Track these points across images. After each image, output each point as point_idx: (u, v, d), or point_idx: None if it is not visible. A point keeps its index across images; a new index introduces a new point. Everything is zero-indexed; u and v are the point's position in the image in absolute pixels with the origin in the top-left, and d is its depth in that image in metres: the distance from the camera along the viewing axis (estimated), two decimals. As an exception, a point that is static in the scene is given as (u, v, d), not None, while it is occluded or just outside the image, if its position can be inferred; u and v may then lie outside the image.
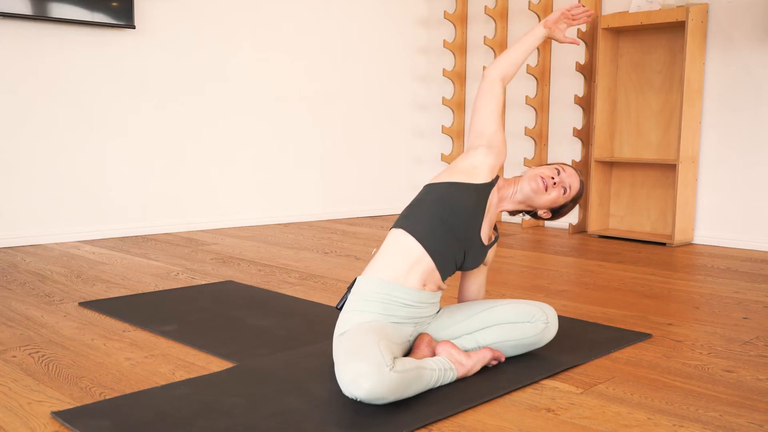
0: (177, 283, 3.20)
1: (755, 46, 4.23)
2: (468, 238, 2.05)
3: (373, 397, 1.70)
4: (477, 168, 2.08)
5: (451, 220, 2.01)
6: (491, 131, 2.13)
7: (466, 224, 2.03)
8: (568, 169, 2.20)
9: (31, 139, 4.11)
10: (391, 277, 1.97)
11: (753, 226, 4.30)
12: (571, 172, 2.19)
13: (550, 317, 2.11)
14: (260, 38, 5.02)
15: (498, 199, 2.16)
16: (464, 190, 2.05)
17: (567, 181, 2.16)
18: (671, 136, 4.60)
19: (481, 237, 2.09)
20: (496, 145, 2.12)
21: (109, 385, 1.93)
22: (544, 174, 2.13)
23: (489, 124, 2.13)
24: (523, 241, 4.56)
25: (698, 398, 1.87)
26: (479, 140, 2.13)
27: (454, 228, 2.02)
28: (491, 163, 2.11)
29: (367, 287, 1.98)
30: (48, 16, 4.03)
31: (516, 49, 2.25)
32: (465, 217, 2.03)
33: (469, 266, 2.11)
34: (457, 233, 2.02)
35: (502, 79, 2.19)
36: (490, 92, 2.16)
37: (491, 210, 2.13)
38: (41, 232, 4.17)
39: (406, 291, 1.98)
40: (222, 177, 4.94)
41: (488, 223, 2.13)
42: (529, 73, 5.12)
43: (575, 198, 2.20)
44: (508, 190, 2.17)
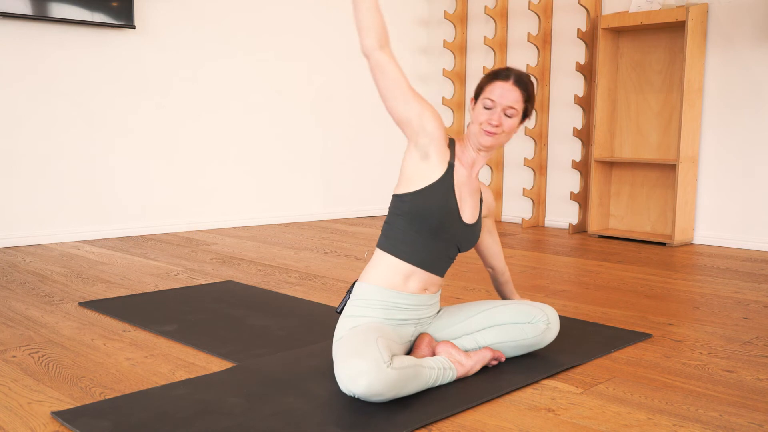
0: (177, 283, 3.20)
1: (755, 46, 4.23)
2: (452, 233, 2.02)
3: (371, 394, 1.70)
4: (424, 170, 1.96)
5: (427, 229, 1.97)
6: (415, 114, 1.92)
7: (444, 223, 1.98)
8: (498, 87, 1.98)
9: (31, 139, 4.11)
10: (390, 285, 1.97)
11: (753, 226, 4.30)
12: (505, 89, 1.98)
13: (551, 319, 2.10)
14: (260, 38, 5.02)
15: (467, 170, 2.05)
16: (426, 195, 1.95)
17: (506, 103, 1.97)
18: (671, 136, 4.60)
19: (466, 221, 2.05)
20: (427, 128, 1.93)
21: (109, 385, 1.93)
22: (484, 125, 1.99)
23: (406, 107, 1.92)
24: (523, 241, 4.56)
25: (698, 398, 1.87)
26: (410, 132, 1.96)
27: (434, 233, 1.98)
28: (430, 155, 1.95)
29: (368, 293, 1.98)
30: (48, 16, 4.03)
31: (365, 6, 2.01)
32: (440, 218, 1.97)
33: (467, 248, 2.09)
34: (439, 236, 1.99)
35: (380, 46, 1.94)
36: (380, 69, 1.92)
37: (465, 188, 2.04)
38: (41, 232, 4.17)
39: (408, 297, 1.99)
40: (222, 177, 4.94)
41: (468, 201, 2.06)
42: (529, 73, 5.12)
43: (529, 94, 2.01)
44: (469, 154, 2.05)
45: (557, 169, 5.22)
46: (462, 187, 2.04)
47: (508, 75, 2.01)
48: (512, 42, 5.38)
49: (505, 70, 2.03)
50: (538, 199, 5.24)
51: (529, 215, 5.37)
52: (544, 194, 5.29)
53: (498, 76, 2.02)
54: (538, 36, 5.09)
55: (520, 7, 5.29)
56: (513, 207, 5.50)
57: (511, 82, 2.00)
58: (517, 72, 2.03)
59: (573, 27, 5.03)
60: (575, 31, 4.99)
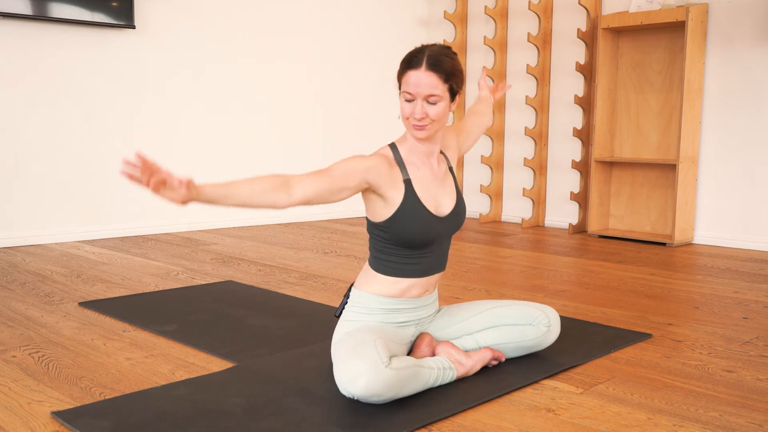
0: (177, 283, 3.20)
1: (755, 46, 4.23)
2: (439, 232, 1.97)
3: (370, 394, 1.70)
4: (386, 202, 1.88)
5: (414, 245, 1.93)
6: (352, 186, 1.82)
7: (428, 234, 1.92)
8: (412, 77, 1.83)
9: (31, 139, 4.11)
10: (389, 294, 1.96)
11: (753, 226, 4.30)
12: (420, 78, 1.82)
13: (552, 321, 2.09)
14: (260, 39, 5.02)
15: (426, 164, 1.94)
16: (398, 220, 1.88)
17: (424, 92, 1.83)
18: (671, 136, 4.60)
19: (447, 212, 1.97)
20: (361, 182, 1.83)
21: (109, 385, 1.93)
22: (411, 120, 1.86)
23: (345, 192, 1.82)
24: (523, 241, 4.56)
25: (698, 398, 1.87)
26: (363, 196, 1.91)
27: (422, 245, 1.94)
28: (385, 194, 1.86)
29: (366, 301, 1.97)
30: (48, 16, 4.03)
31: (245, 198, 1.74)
32: (422, 234, 1.91)
33: (460, 226, 2.02)
34: (428, 244, 1.95)
35: (289, 195, 1.75)
36: (313, 201, 1.79)
37: (432, 184, 1.95)
38: (41, 232, 4.17)
39: (408, 302, 1.98)
40: (222, 177, 4.92)
41: (441, 191, 1.98)
42: (529, 73, 5.12)
43: (448, 73, 1.86)
44: (418, 147, 1.94)
45: (557, 169, 5.22)
46: (429, 186, 1.94)
47: (419, 61, 1.83)
48: (512, 42, 5.38)
49: (416, 55, 1.85)
50: (538, 199, 5.24)
51: (529, 215, 5.37)
52: (544, 194, 5.29)
53: (410, 64, 1.85)
54: (538, 36, 5.09)
55: (520, 7, 5.29)
56: (513, 207, 5.50)
57: (423, 68, 1.82)
58: (430, 52, 1.84)
59: (573, 27, 5.03)
60: (575, 31, 4.99)
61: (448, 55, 1.88)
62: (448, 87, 1.87)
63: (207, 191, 1.68)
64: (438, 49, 1.87)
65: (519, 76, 5.36)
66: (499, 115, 5.42)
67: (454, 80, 1.88)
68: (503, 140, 5.49)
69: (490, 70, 5.31)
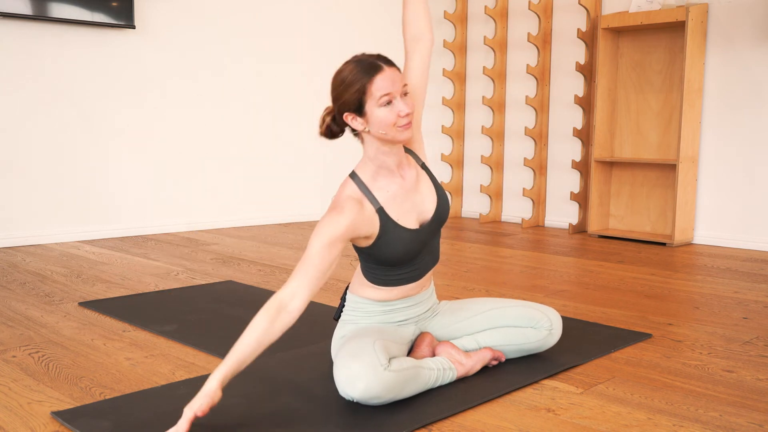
0: (177, 283, 3.20)
1: (755, 46, 4.23)
2: (424, 241, 1.93)
3: (369, 397, 1.70)
4: (362, 241, 1.86)
5: (401, 263, 1.91)
6: (338, 252, 1.78)
7: (412, 250, 1.90)
8: (381, 80, 1.78)
9: (31, 139, 4.11)
10: (384, 299, 1.96)
11: (753, 226, 4.30)
12: (389, 75, 1.79)
13: (554, 324, 2.08)
14: (260, 39, 5.02)
15: (396, 182, 1.88)
16: (381, 246, 1.86)
17: (399, 86, 1.81)
18: (671, 136, 4.60)
19: (428, 217, 1.93)
20: (347, 241, 1.82)
21: (109, 385, 1.93)
22: (398, 122, 1.79)
23: (335, 257, 1.79)
24: (523, 241, 4.56)
25: (698, 398, 1.87)
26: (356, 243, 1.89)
27: (410, 260, 1.92)
28: (365, 235, 1.83)
29: (362, 305, 1.97)
30: (48, 16, 4.03)
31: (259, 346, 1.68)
32: (407, 253, 1.89)
33: (446, 218, 1.98)
34: (415, 257, 1.93)
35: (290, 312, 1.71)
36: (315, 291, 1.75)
37: (406, 198, 1.89)
38: (41, 232, 4.17)
39: (404, 301, 1.99)
40: (222, 177, 4.94)
41: (417, 197, 1.92)
42: (529, 73, 5.12)
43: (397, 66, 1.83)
44: (385, 170, 1.87)
45: (557, 169, 5.22)
46: (404, 203, 1.89)
47: (378, 64, 1.80)
48: (512, 42, 5.38)
49: (370, 62, 1.80)
50: (538, 199, 5.24)
51: (529, 215, 5.37)
52: (544, 194, 5.29)
53: (373, 70, 1.79)
54: (538, 36, 5.09)
55: (520, 7, 5.29)
56: (513, 207, 5.50)
57: (386, 67, 1.79)
58: (376, 55, 1.84)
59: (573, 27, 5.03)
60: (575, 31, 4.99)
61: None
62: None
63: (227, 375, 1.61)
64: (377, 53, 1.87)
65: (519, 76, 5.36)
66: (499, 115, 5.42)
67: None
68: (503, 140, 5.49)
69: (490, 70, 5.31)
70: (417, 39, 2.02)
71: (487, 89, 5.53)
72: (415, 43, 2.02)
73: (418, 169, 1.96)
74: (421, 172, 1.97)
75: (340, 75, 1.83)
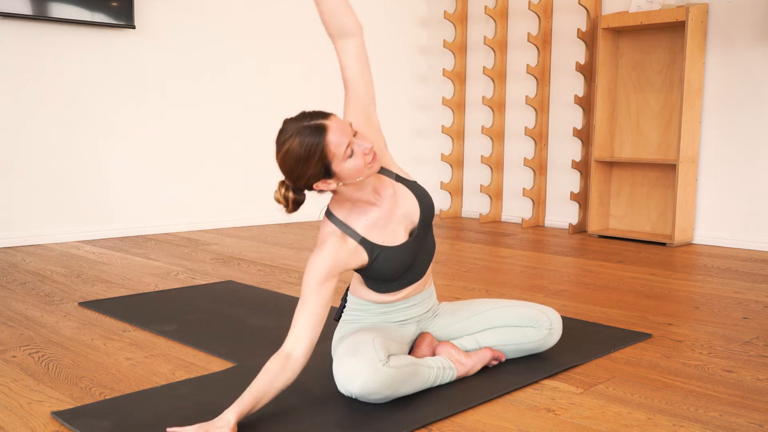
0: (177, 283, 3.20)
1: (755, 46, 4.23)
2: (415, 249, 1.92)
3: (367, 392, 1.70)
4: (354, 267, 1.86)
5: (395, 278, 1.91)
6: (324, 303, 1.76)
7: (404, 262, 1.89)
8: (332, 136, 1.69)
9: (32, 139, 4.11)
10: (385, 300, 1.97)
11: (753, 226, 4.30)
12: (336, 128, 1.71)
13: (554, 323, 2.08)
14: (260, 38, 5.02)
15: (376, 208, 1.85)
16: (373, 269, 1.87)
17: (350, 133, 1.73)
18: (671, 136, 4.60)
19: (415, 219, 1.91)
20: (340, 274, 1.83)
21: (109, 385, 1.93)
22: (366, 160, 1.73)
23: (328, 299, 1.77)
24: (523, 241, 4.56)
25: (698, 398, 1.87)
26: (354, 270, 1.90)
27: (405, 271, 1.92)
28: (354, 263, 1.83)
29: (363, 306, 1.98)
30: (48, 16, 4.03)
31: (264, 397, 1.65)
32: (399, 269, 1.88)
33: (432, 217, 1.95)
34: (409, 267, 1.93)
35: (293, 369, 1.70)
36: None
37: (389, 218, 1.86)
38: (41, 232, 4.17)
39: (406, 301, 1.99)
40: (222, 177, 4.94)
41: (400, 212, 1.88)
42: (529, 73, 5.12)
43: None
44: (362, 201, 1.83)
45: (557, 169, 5.22)
46: (387, 223, 1.86)
47: (321, 124, 1.70)
48: (512, 42, 5.38)
49: (312, 128, 1.70)
50: (538, 199, 5.24)
51: (529, 215, 5.37)
52: (544, 194, 5.29)
53: (319, 134, 1.69)
54: (538, 36, 5.09)
55: (520, 7, 5.29)
56: (513, 207, 5.50)
57: (329, 123, 1.70)
58: (308, 115, 1.75)
59: (573, 27, 5.03)
60: (575, 31, 4.99)
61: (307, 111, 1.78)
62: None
63: (244, 411, 1.60)
64: (301, 113, 1.77)
65: (519, 76, 5.36)
66: (499, 115, 5.42)
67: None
68: (503, 140, 5.49)
69: (490, 70, 5.31)
70: (342, 35, 1.85)
71: (487, 89, 5.53)
72: (342, 40, 1.85)
73: (393, 185, 1.90)
74: (397, 185, 1.91)
75: (290, 154, 1.73)
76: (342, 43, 1.85)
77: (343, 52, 1.86)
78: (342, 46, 1.85)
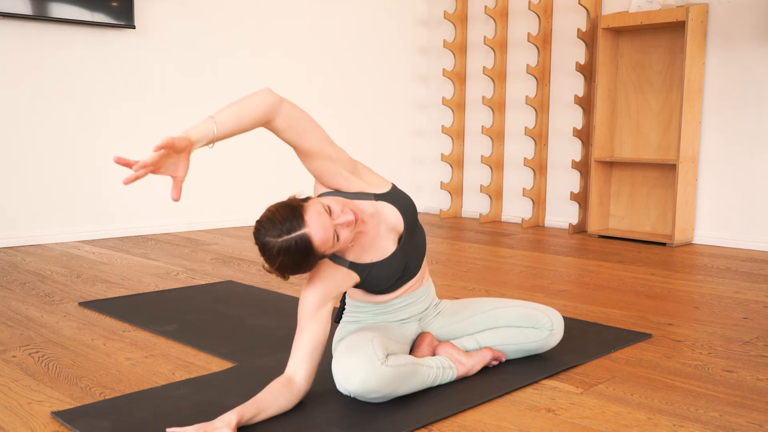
0: (177, 283, 3.20)
1: (755, 46, 4.23)
2: (407, 253, 1.92)
3: (365, 391, 1.70)
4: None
5: (395, 278, 1.91)
6: (321, 330, 1.77)
7: (396, 270, 1.89)
8: (311, 228, 1.64)
9: (31, 139, 4.11)
10: (383, 300, 1.97)
11: (753, 226, 4.30)
12: (315, 221, 1.65)
13: (555, 324, 2.08)
14: (260, 38, 5.02)
15: (359, 237, 1.81)
16: (365, 285, 1.88)
17: (325, 220, 1.67)
18: (671, 136, 4.60)
19: (400, 226, 1.90)
20: (335, 296, 1.83)
21: (109, 385, 1.93)
22: (340, 230, 1.69)
23: (325, 318, 1.79)
24: (523, 241, 4.56)
25: (698, 398, 1.87)
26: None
27: (399, 278, 1.93)
28: (346, 287, 1.85)
29: (362, 307, 1.98)
30: (48, 16, 4.03)
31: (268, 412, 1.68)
32: (389, 278, 1.88)
33: (416, 212, 1.94)
34: (406, 263, 1.93)
35: (300, 388, 1.75)
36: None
37: (376, 237, 1.85)
38: (41, 232, 4.17)
39: (402, 299, 1.99)
40: (222, 177, 4.94)
41: (389, 224, 1.87)
42: (529, 73, 5.12)
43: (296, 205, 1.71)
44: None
45: (557, 169, 5.22)
46: (374, 242, 1.84)
47: (302, 233, 1.62)
48: (512, 42, 5.38)
49: (288, 236, 1.62)
50: (538, 199, 5.24)
51: (529, 215, 5.37)
52: (544, 194, 5.29)
53: (303, 241, 1.63)
54: (538, 36, 5.09)
55: (520, 7, 5.29)
56: (513, 207, 5.50)
57: (304, 221, 1.64)
58: (282, 216, 1.66)
59: (573, 27, 5.03)
60: (575, 31, 4.99)
61: (277, 211, 1.69)
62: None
63: (246, 415, 1.61)
64: (271, 219, 1.67)
65: (519, 76, 5.36)
66: (499, 115, 5.42)
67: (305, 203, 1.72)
68: (503, 140, 5.49)
69: (490, 70, 5.31)
70: (269, 121, 1.75)
71: (487, 89, 5.53)
72: (272, 123, 1.76)
73: (372, 205, 1.85)
74: (376, 205, 1.86)
75: (285, 267, 1.65)
76: (273, 126, 1.76)
77: (278, 132, 1.78)
78: (274, 128, 1.77)
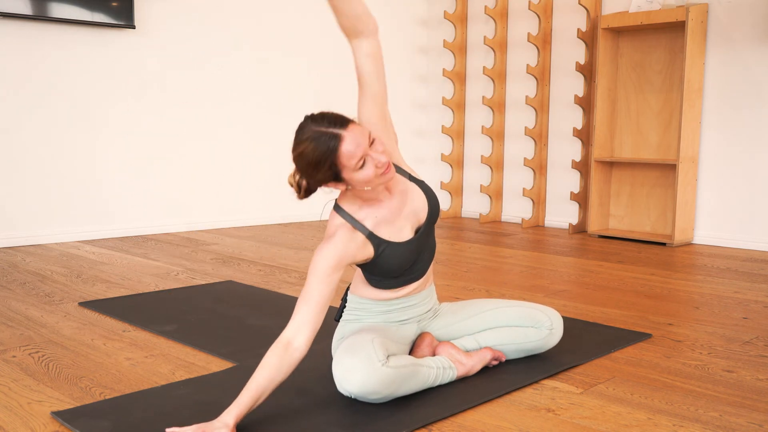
0: (177, 283, 3.20)
1: (755, 46, 4.23)
2: (419, 246, 1.92)
3: (365, 392, 1.70)
4: (359, 261, 1.87)
5: (399, 273, 1.91)
6: (327, 294, 1.76)
7: (409, 258, 1.89)
8: (348, 145, 1.67)
9: (31, 139, 4.11)
10: (386, 298, 1.97)
11: (753, 226, 4.30)
12: (353, 138, 1.69)
13: (555, 324, 2.08)
14: (260, 38, 5.02)
15: (383, 205, 1.85)
16: (378, 264, 1.87)
17: (366, 144, 1.71)
18: (671, 136, 4.60)
19: (422, 217, 1.92)
20: (345, 267, 1.84)
21: (109, 385, 1.93)
22: (379, 179, 1.75)
23: (335, 281, 1.80)
24: (523, 241, 4.56)
25: (698, 398, 1.87)
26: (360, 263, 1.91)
27: (409, 268, 1.92)
28: (360, 256, 1.84)
29: (364, 305, 1.98)
30: (48, 16, 4.03)
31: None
32: (402, 263, 1.88)
33: (438, 214, 1.96)
34: (413, 264, 1.93)
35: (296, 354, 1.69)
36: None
37: (396, 215, 1.87)
38: (41, 232, 4.17)
39: (405, 300, 1.99)
40: (222, 177, 4.94)
41: (407, 209, 1.89)
42: (529, 73, 5.12)
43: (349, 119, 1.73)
44: (372, 198, 1.82)
45: (557, 169, 5.22)
46: (396, 219, 1.86)
47: (337, 134, 1.67)
48: (512, 42, 5.38)
49: (327, 136, 1.66)
50: (538, 199, 5.24)
51: (529, 215, 5.37)
52: (544, 194, 5.29)
53: (333, 143, 1.67)
54: (538, 36, 5.09)
55: (520, 7, 5.29)
56: (513, 207, 5.50)
57: (345, 133, 1.68)
58: (329, 120, 1.69)
59: (573, 27, 5.03)
60: (575, 31, 4.99)
61: (332, 113, 1.73)
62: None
63: (242, 412, 1.59)
64: (322, 114, 1.71)
65: (519, 76, 5.36)
66: (499, 115, 5.42)
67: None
68: (503, 140, 5.49)
69: (490, 70, 5.31)
70: (358, 35, 1.80)
71: (487, 89, 5.53)
72: (357, 40, 1.81)
73: (405, 183, 1.91)
74: (408, 184, 1.92)
75: (303, 157, 1.70)
76: (357, 43, 1.82)
77: (359, 51, 1.83)
78: (357, 46, 1.83)
